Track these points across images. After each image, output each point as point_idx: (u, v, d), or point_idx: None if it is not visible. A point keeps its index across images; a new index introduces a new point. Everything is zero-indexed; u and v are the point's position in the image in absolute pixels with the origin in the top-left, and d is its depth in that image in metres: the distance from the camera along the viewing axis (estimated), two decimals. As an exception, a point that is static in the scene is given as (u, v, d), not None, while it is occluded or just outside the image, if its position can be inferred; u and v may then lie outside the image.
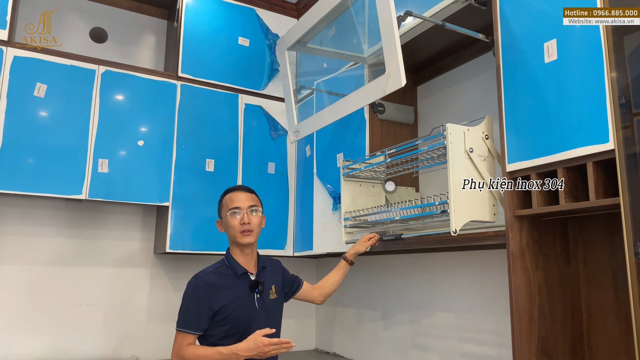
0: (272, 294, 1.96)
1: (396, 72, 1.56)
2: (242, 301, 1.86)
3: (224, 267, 1.90)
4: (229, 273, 1.88)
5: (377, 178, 2.40)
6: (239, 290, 1.87)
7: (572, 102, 1.51)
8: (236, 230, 1.88)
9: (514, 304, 1.64)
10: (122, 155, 2.62)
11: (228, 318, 1.81)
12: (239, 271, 1.89)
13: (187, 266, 2.99)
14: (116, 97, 2.65)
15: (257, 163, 2.98)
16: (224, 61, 2.97)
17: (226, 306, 1.81)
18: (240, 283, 1.88)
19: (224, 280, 1.85)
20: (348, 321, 3.01)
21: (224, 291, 1.83)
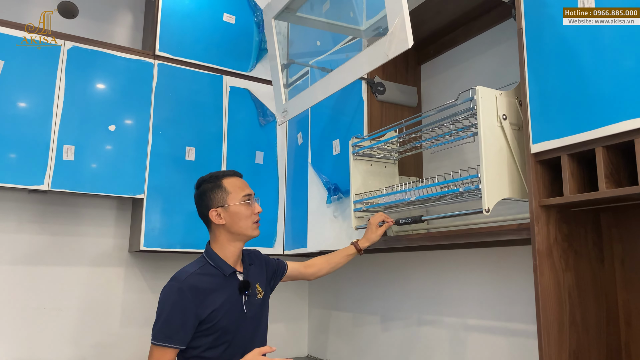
0: (259, 293, 1.74)
1: (402, 30, 1.29)
2: (231, 306, 1.62)
3: (207, 265, 1.64)
4: (214, 273, 1.63)
5: (390, 157, 2.15)
6: (228, 292, 1.62)
7: (616, 65, 1.24)
8: (250, 220, 1.67)
9: (541, 311, 1.37)
10: (91, 142, 2.34)
11: (215, 326, 1.57)
12: (227, 271, 1.65)
13: (166, 265, 2.71)
14: (84, 76, 2.36)
15: (244, 152, 2.70)
16: (207, 39, 2.68)
17: (214, 312, 1.57)
18: (229, 284, 1.64)
19: (210, 282, 1.60)
20: (343, 326, 2.74)
21: (211, 295, 1.58)
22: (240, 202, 1.66)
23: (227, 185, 1.69)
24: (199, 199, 1.72)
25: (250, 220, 1.67)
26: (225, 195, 1.67)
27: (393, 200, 1.85)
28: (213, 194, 1.68)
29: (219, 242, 1.68)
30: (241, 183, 1.72)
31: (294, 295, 3.06)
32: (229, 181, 1.70)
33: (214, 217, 1.66)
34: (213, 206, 1.67)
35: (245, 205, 1.67)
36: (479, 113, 1.50)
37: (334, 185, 2.26)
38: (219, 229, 1.67)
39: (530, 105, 1.45)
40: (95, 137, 2.35)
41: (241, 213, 1.66)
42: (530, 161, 1.43)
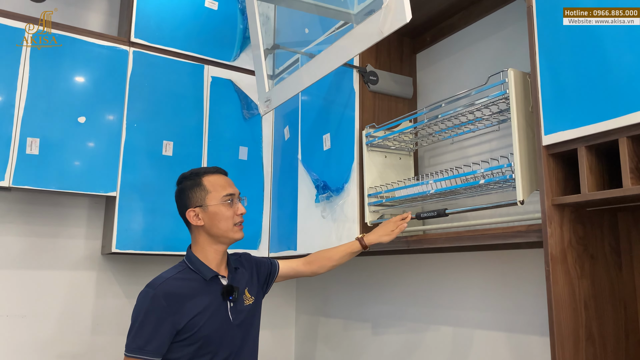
0: (248, 299, 1.59)
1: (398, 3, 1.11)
2: (213, 313, 1.48)
3: (186, 270, 1.52)
4: (194, 278, 1.50)
5: (405, 149, 2.01)
6: (209, 298, 1.49)
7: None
8: (230, 222, 1.54)
9: (555, 323, 1.21)
10: (58, 134, 2.14)
11: (196, 335, 1.44)
12: (207, 275, 1.51)
13: (143, 269, 2.52)
14: (51, 63, 2.17)
15: (226, 147, 2.52)
16: (188, 26, 2.50)
17: (193, 320, 1.44)
18: (210, 290, 1.50)
19: (189, 288, 1.47)
20: (332, 333, 2.56)
21: (189, 301, 1.45)
22: (220, 202, 1.53)
23: (207, 183, 1.55)
24: (177, 197, 1.59)
25: (231, 221, 1.54)
26: (204, 195, 1.54)
27: (412, 193, 1.69)
28: (191, 193, 1.55)
29: (199, 244, 1.55)
30: (223, 181, 1.59)
31: (280, 300, 2.88)
32: (210, 179, 1.57)
33: (191, 218, 1.54)
34: (191, 206, 1.54)
35: (225, 205, 1.53)
36: (512, 98, 1.37)
37: (322, 182, 2.09)
38: (199, 230, 1.54)
39: (542, 91, 1.29)
40: (63, 129, 2.15)
41: (221, 214, 1.52)
42: (542, 154, 1.27)
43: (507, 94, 1.41)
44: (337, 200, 2.02)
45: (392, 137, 1.86)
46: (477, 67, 1.93)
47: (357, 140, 1.96)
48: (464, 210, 1.59)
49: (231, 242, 1.57)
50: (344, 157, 2.01)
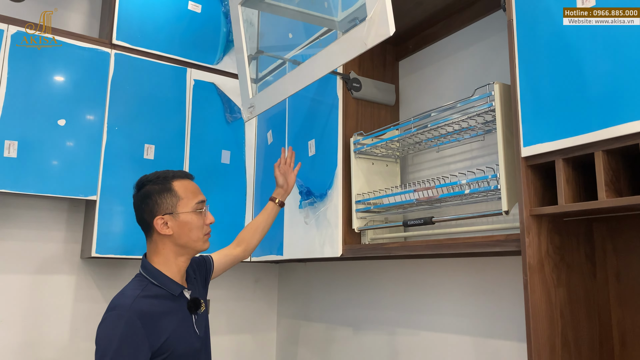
0: (202, 306, 1.51)
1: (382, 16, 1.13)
2: (184, 329, 1.40)
3: (150, 286, 1.39)
4: (161, 294, 1.39)
5: (391, 156, 2.05)
6: (179, 315, 1.40)
7: (619, 60, 1.11)
8: (201, 231, 1.45)
9: (532, 331, 1.24)
10: (37, 137, 2.11)
11: (171, 356, 1.34)
12: (175, 290, 1.42)
13: (123, 273, 2.49)
14: (31, 65, 2.13)
15: (209, 151, 2.51)
16: (170, 29, 2.48)
17: (168, 341, 1.33)
18: (178, 305, 1.42)
19: (160, 305, 1.37)
20: (314, 336, 2.58)
21: (162, 320, 1.35)
22: (192, 210, 1.44)
23: (178, 189, 1.45)
24: (141, 202, 1.46)
25: (201, 231, 1.45)
26: (175, 201, 1.43)
27: (399, 200, 1.73)
28: (161, 199, 1.43)
29: (162, 255, 1.43)
30: (194, 187, 1.50)
31: (262, 304, 2.88)
32: (181, 184, 1.47)
33: (159, 226, 1.41)
34: (160, 213, 1.42)
35: (197, 214, 1.45)
36: (497, 110, 1.42)
37: (306, 188, 2.09)
38: (163, 240, 1.43)
39: (522, 104, 1.31)
40: (42, 132, 2.12)
41: (192, 223, 1.43)
42: (521, 165, 1.30)
43: (493, 107, 1.44)
44: (320, 206, 2.03)
45: (380, 144, 1.88)
46: (458, 76, 1.96)
47: (341, 146, 1.98)
48: (450, 219, 1.61)
49: (196, 253, 1.48)
50: (327, 163, 2.03)
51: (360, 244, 1.95)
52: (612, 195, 1.15)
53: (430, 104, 2.04)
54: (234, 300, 2.79)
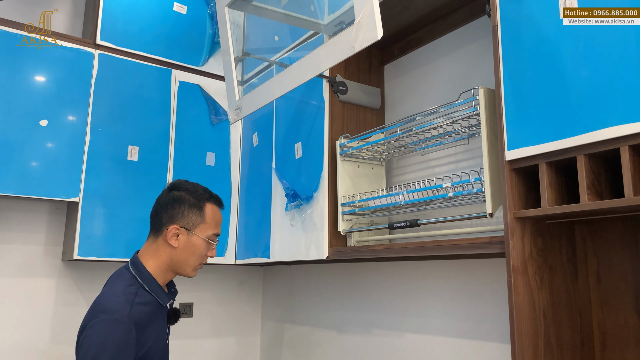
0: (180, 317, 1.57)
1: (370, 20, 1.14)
2: (159, 340, 1.40)
3: (143, 291, 1.36)
4: (150, 301, 1.37)
5: (377, 159, 2.06)
6: (159, 325, 1.40)
7: (601, 67, 1.14)
8: (198, 260, 1.44)
9: (516, 332, 1.26)
10: (18, 137, 2.08)
11: None
12: (164, 300, 1.42)
13: (104, 275, 2.44)
14: (11, 63, 2.10)
15: (193, 153, 2.50)
16: (155, 30, 2.47)
17: (149, 350, 1.34)
18: (161, 314, 1.43)
19: (150, 314, 1.36)
20: (298, 339, 2.57)
21: (148, 329, 1.34)
22: (206, 238, 1.43)
23: (207, 212, 1.45)
24: (168, 202, 1.44)
25: (199, 260, 1.44)
26: (198, 222, 1.42)
27: (384, 203, 1.74)
28: (188, 211, 1.42)
29: (157, 261, 1.41)
30: (220, 218, 1.50)
31: (246, 307, 2.87)
32: (212, 209, 1.46)
33: (170, 234, 1.40)
34: (179, 223, 1.41)
35: (207, 243, 1.44)
36: (482, 114, 1.44)
37: (292, 191, 2.10)
38: (165, 248, 1.41)
39: (506, 108, 1.34)
40: (23, 132, 2.09)
41: (198, 249, 1.42)
42: (505, 169, 1.32)
43: (478, 111, 1.46)
44: (306, 209, 2.04)
45: (366, 147, 1.90)
46: (443, 80, 1.98)
47: (327, 149, 1.98)
48: (435, 222, 1.63)
49: (180, 275, 1.47)
50: (313, 166, 2.03)
51: (345, 246, 1.96)
52: (593, 198, 1.17)
53: (415, 108, 2.06)
54: (217, 303, 2.77)
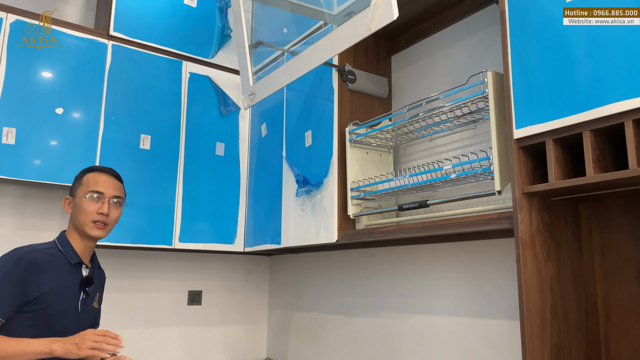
0: (96, 303, 1.67)
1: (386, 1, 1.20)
2: (65, 296, 1.51)
3: (55, 249, 1.56)
4: (60, 257, 1.55)
5: (385, 146, 2.12)
6: (67, 281, 1.53)
7: (603, 45, 1.20)
8: (89, 217, 1.57)
9: (524, 302, 1.31)
10: (35, 125, 2.13)
11: (42, 311, 1.46)
12: (73, 259, 1.56)
13: (116, 262, 2.51)
14: (29, 53, 2.15)
15: (203, 142, 2.55)
16: (167, 22, 2.52)
17: (45, 296, 1.46)
18: (70, 274, 1.55)
19: (53, 264, 1.52)
20: (305, 327, 2.62)
21: (47, 276, 1.49)
22: (84, 196, 1.57)
23: (87, 177, 1.62)
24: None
25: (89, 217, 1.56)
26: (77, 186, 1.61)
27: (393, 186, 1.81)
28: (75, 183, 1.63)
29: (69, 230, 1.61)
30: (101, 179, 1.62)
31: (253, 295, 2.92)
32: (93, 175, 1.63)
33: (64, 204, 1.63)
34: (69, 194, 1.64)
35: (88, 200, 1.57)
36: (490, 96, 1.50)
37: (303, 177, 2.15)
38: (70, 218, 1.62)
39: (514, 89, 1.40)
40: (40, 120, 2.14)
41: (81, 207, 1.57)
42: (514, 147, 1.38)
43: (486, 93, 1.51)
44: (316, 194, 2.09)
45: (374, 134, 1.95)
46: (449, 70, 2.04)
47: (336, 136, 2.04)
48: (444, 201, 1.69)
49: (90, 237, 1.59)
50: (323, 153, 2.09)
51: (355, 229, 2.01)
52: (599, 171, 1.23)
53: (422, 96, 2.11)
54: (225, 291, 2.82)
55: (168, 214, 2.39)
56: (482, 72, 1.55)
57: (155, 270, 2.62)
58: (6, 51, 2.10)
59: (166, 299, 2.63)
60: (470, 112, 1.66)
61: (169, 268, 2.66)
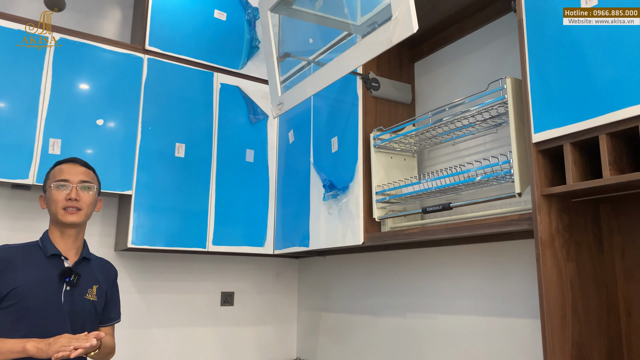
0: (91, 295, 1.62)
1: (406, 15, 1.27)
2: (43, 288, 1.51)
3: (34, 246, 1.59)
4: (35, 252, 1.57)
5: (409, 150, 2.20)
6: (42, 273, 1.53)
7: (618, 51, 1.25)
8: (59, 205, 1.57)
9: (544, 300, 1.36)
10: (78, 136, 2.27)
11: (17, 306, 1.47)
12: (48, 251, 1.57)
13: (153, 265, 2.64)
14: (72, 69, 2.30)
15: (234, 149, 2.66)
16: (198, 36, 2.65)
17: (16, 290, 1.47)
18: (47, 266, 1.55)
19: (26, 259, 1.54)
20: (333, 327, 2.70)
21: (20, 270, 1.50)
22: (52, 187, 1.59)
23: (52, 171, 1.64)
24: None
25: (59, 205, 1.58)
26: (46, 181, 1.64)
27: (417, 189, 1.88)
28: (45, 179, 1.66)
29: (49, 226, 1.64)
30: (66, 168, 1.63)
31: (282, 297, 3.01)
32: (57, 168, 1.64)
33: (40, 202, 1.65)
34: (43, 191, 1.65)
35: (55, 190, 1.59)
36: (509, 101, 1.55)
37: (329, 182, 2.23)
38: (49, 214, 1.63)
39: (532, 95, 1.45)
40: (82, 131, 2.29)
41: (51, 197, 1.59)
42: (532, 150, 1.43)
43: (506, 99, 1.57)
44: (342, 198, 2.17)
45: (398, 139, 2.02)
46: (471, 76, 2.10)
47: (361, 142, 2.12)
48: (467, 204, 1.74)
49: (66, 225, 1.59)
50: (349, 158, 2.17)
51: (380, 232, 2.08)
52: (615, 173, 1.28)
53: (444, 102, 2.17)
54: (256, 292, 2.92)
55: (202, 218, 2.50)
56: (502, 78, 1.60)
57: (189, 272, 2.74)
58: (52, 68, 2.25)
59: (200, 300, 2.75)
60: (491, 117, 1.72)
61: (202, 270, 2.78)
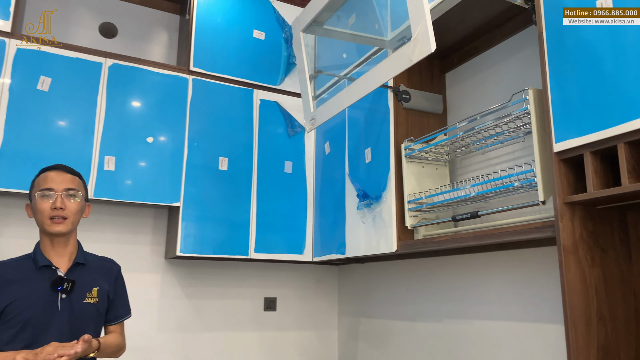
0: (91, 298, 1.63)
1: (424, 35, 1.36)
2: (38, 299, 1.52)
3: (26, 259, 1.60)
4: (27, 265, 1.58)
5: (440, 160, 2.26)
6: (36, 285, 1.54)
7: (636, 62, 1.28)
8: (45, 215, 1.56)
9: (567, 306, 1.40)
10: (130, 153, 2.46)
11: (16, 319, 1.49)
12: (39, 263, 1.57)
13: (200, 272, 2.80)
14: (124, 91, 2.50)
15: (273, 162, 2.80)
16: (238, 55, 2.81)
17: (14, 304, 1.49)
18: (39, 277, 1.56)
19: (18, 273, 1.55)
20: (374, 332, 2.77)
21: (13, 285, 1.52)
22: (37, 197, 1.57)
23: (37, 180, 1.62)
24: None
25: (45, 215, 1.56)
26: (31, 189, 1.62)
27: (449, 198, 1.95)
28: (30, 188, 1.63)
29: (40, 235, 1.62)
30: (50, 176, 1.60)
31: (323, 303, 3.11)
32: (41, 176, 1.62)
33: (27, 211, 1.64)
34: (29, 200, 1.63)
35: (40, 199, 1.57)
36: (532, 112, 1.60)
37: (363, 192, 2.32)
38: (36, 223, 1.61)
39: (552, 105, 1.49)
40: (134, 148, 2.48)
41: (36, 207, 1.57)
42: (554, 160, 1.47)
43: (528, 110, 1.62)
44: (375, 207, 2.25)
45: (429, 149, 2.09)
46: (500, 85, 2.14)
47: (393, 152, 2.20)
48: (494, 212, 1.79)
49: (53, 235, 1.57)
50: (381, 168, 2.25)
51: (413, 239, 2.15)
52: (634, 181, 1.30)
53: (475, 111, 2.22)
54: (297, 298, 3.04)
55: (244, 227, 2.65)
56: (524, 89, 1.65)
57: (234, 278, 2.89)
58: (106, 91, 2.46)
59: (244, 305, 2.89)
60: (517, 127, 1.76)
61: (246, 277, 2.92)
